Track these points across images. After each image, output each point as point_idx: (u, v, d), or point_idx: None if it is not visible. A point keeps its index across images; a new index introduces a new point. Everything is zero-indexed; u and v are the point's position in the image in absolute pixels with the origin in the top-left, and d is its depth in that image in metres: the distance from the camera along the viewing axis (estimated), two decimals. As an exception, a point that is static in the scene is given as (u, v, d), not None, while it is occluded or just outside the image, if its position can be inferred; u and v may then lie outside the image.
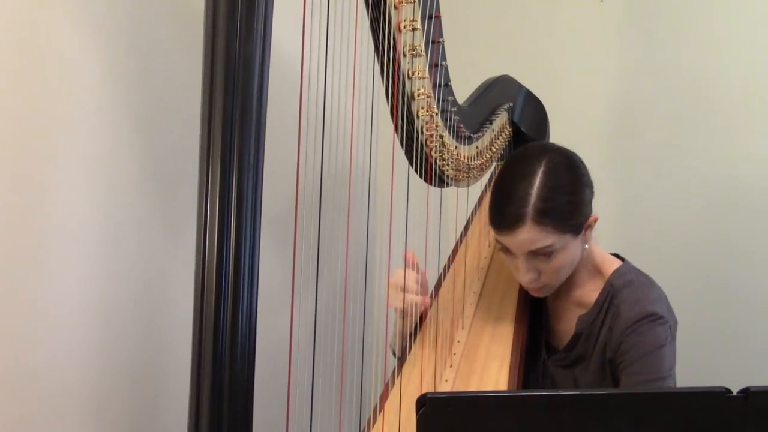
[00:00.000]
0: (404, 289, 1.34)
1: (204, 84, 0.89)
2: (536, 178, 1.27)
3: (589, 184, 1.33)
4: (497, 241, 1.33)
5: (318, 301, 1.07)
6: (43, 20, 1.14)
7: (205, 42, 0.88)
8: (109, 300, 1.29)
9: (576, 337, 1.39)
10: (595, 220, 1.34)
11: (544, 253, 1.28)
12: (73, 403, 1.23)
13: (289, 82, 1.07)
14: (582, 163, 1.35)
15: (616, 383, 1.32)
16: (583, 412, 0.81)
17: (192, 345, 0.90)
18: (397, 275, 1.36)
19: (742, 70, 1.95)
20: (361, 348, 1.23)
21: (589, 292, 1.39)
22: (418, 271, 1.38)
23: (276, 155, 1.05)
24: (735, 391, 0.79)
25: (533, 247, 1.27)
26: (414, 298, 1.36)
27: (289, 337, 0.95)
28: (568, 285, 1.41)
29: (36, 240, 1.15)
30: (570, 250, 1.30)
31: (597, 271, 1.40)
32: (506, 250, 1.32)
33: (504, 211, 1.28)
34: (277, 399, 1.06)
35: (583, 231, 1.32)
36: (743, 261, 1.96)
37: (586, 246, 1.37)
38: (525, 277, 1.31)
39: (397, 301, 1.36)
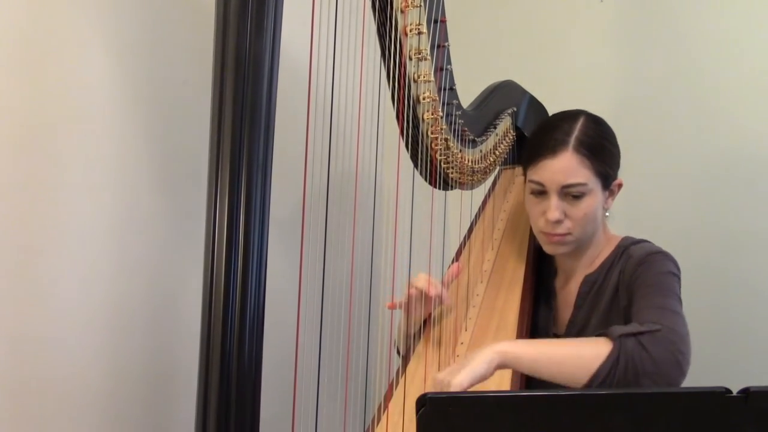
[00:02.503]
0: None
1: (214, 83, 0.90)
2: (579, 120, 1.37)
3: (619, 151, 1.41)
4: (529, 182, 1.38)
5: (324, 301, 1.08)
6: (53, 19, 1.15)
7: (216, 42, 0.89)
8: (117, 299, 1.30)
9: (581, 297, 1.42)
10: (620, 186, 1.42)
11: (575, 195, 1.33)
12: (80, 402, 1.24)
13: (297, 85, 1.09)
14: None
15: (625, 320, 1.33)
16: (583, 412, 0.81)
17: (200, 342, 0.91)
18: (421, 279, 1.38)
19: (742, 68, 1.96)
20: (366, 347, 1.23)
21: (596, 264, 1.43)
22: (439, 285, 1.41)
23: (284, 156, 1.06)
24: (735, 391, 0.79)
25: (568, 180, 1.32)
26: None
27: (295, 335, 0.96)
28: (579, 265, 1.45)
29: (43, 239, 1.16)
30: (596, 199, 1.35)
31: (607, 243, 1.45)
32: (537, 191, 1.37)
33: (547, 137, 1.36)
34: (283, 397, 1.07)
35: (609, 190, 1.38)
36: (743, 260, 1.96)
37: (607, 214, 1.43)
38: (553, 214, 1.34)
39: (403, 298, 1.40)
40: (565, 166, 1.33)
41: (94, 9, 1.21)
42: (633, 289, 1.33)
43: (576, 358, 1.18)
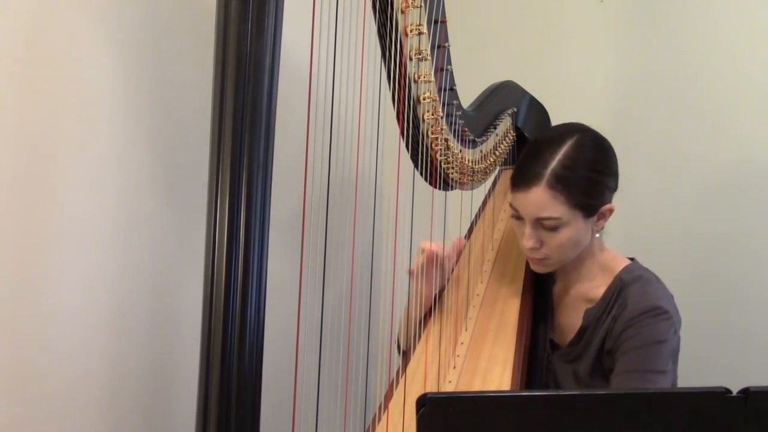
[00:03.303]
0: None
1: (215, 84, 0.90)
2: (563, 147, 1.32)
3: (614, 174, 1.37)
4: (510, 206, 1.37)
5: (324, 301, 1.08)
6: (55, 20, 1.15)
7: (216, 43, 0.89)
8: (118, 299, 1.30)
9: (582, 331, 1.40)
10: (611, 211, 1.37)
11: (550, 227, 1.31)
12: (82, 403, 1.24)
13: (298, 86, 1.09)
14: (613, 152, 1.38)
15: (608, 374, 1.33)
16: (583, 412, 0.81)
17: (201, 343, 0.91)
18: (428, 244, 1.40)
19: (742, 68, 1.96)
20: (367, 347, 1.24)
21: (597, 287, 1.41)
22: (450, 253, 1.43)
23: (284, 156, 1.06)
24: (735, 391, 0.79)
25: (541, 214, 1.30)
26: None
27: (296, 336, 0.96)
28: (576, 278, 1.43)
29: (45, 239, 1.16)
30: (577, 229, 1.32)
31: (607, 266, 1.42)
32: (517, 215, 1.36)
33: (524, 168, 1.33)
34: (283, 398, 1.07)
35: (596, 216, 1.34)
36: (743, 260, 1.96)
37: (597, 235, 1.39)
38: (527, 243, 1.34)
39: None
40: (536, 201, 1.30)
41: (95, 9, 1.21)
42: (618, 353, 1.30)
43: None
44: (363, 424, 1.29)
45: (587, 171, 1.32)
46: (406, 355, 1.41)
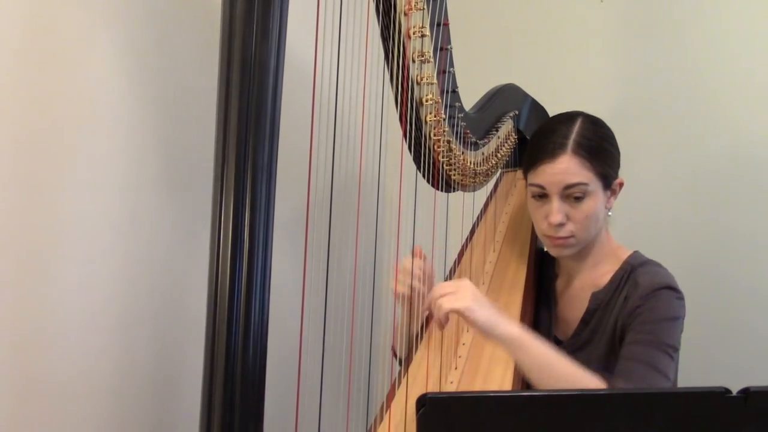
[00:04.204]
0: (411, 275, 1.38)
1: (220, 86, 0.90)
2: (576, 122, 1.38)
3: (618, 149, 1.42)
4: (530, 185, 1.39)
5: (327, 302, 1.08)
6: (59, 19, 1.15)
7: (222, 44, 0.90)
8: (122, 298, 1.30)
9: (588, 315, 1.42)
10: (621, 185, 1.42)
11: (576, 196, 1.34)
12: (85, 401, 1.24)
13: (302, 88, 1.10)
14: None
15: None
16: (583, 412, 0.81)
17: (205, 342, 0.91)
18: (405, 262, 1.41)
19: (742, 68, 1.96)
20: (369, 348, 1.24)
21: (603, 274, 1.43)
22: (424, 261, 1.43)
23: (288, 158, 1.07)
24: (735, 391, 0.79)
25: (570, 180, 1.33)
26: (419, 287, 1.40)
27: (299, 336, 0.97)
28: (582, 267, 1.45)
29: (48, 238, 1.16)
30: (598, 200, 1.36)
31: (613, 254, 1.44)
32: (538, 195, 1.38)
33: (545, 141, 1.37)
34: (286, 397, 1.08)
35: (610, 190, 1.39)
36: (743, 259, 1.96)
37: (610, 213, 1.42)
38: (555, 218, 1.35)
39: (403, 287, 1.40)
40: (565, 168, 1.33)
41: (100, 9, 1.22)
42: (631, 324, 1.32)
43: (573, 384, 1.19)
44: (365, 423, 1.29)
45: (602, 141, 1.38)
46: (406, 359, 1.41)
